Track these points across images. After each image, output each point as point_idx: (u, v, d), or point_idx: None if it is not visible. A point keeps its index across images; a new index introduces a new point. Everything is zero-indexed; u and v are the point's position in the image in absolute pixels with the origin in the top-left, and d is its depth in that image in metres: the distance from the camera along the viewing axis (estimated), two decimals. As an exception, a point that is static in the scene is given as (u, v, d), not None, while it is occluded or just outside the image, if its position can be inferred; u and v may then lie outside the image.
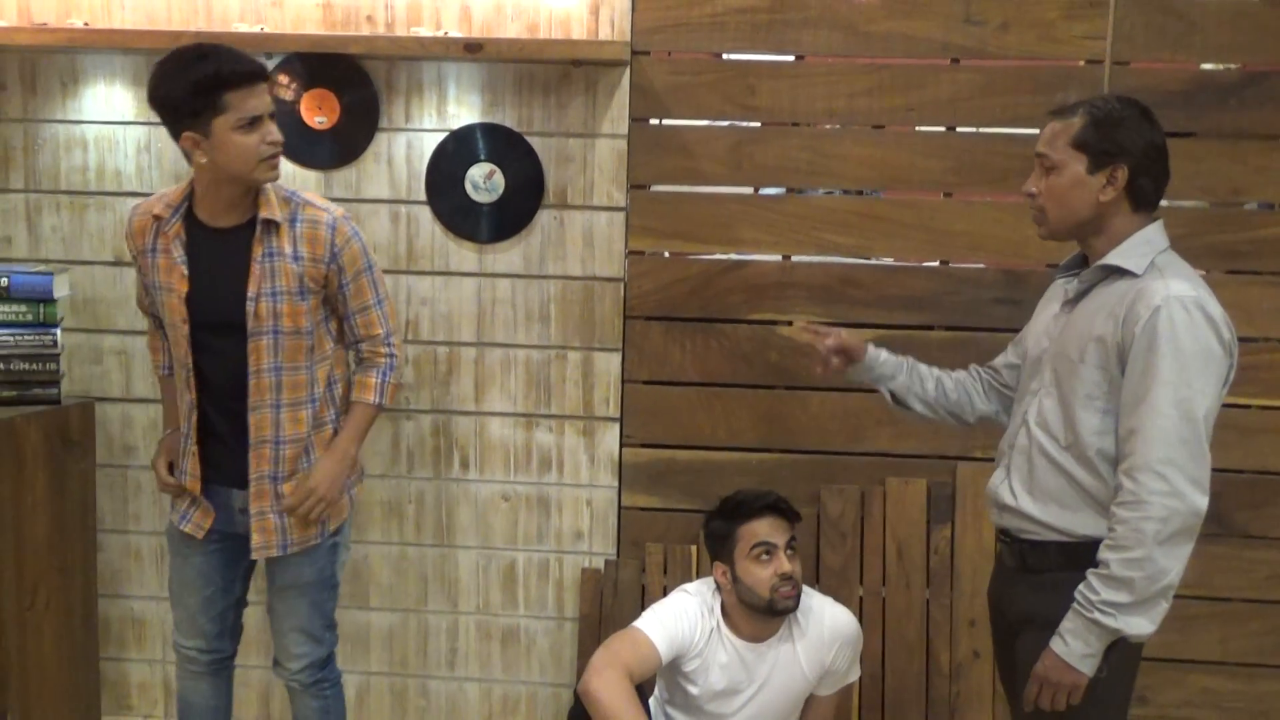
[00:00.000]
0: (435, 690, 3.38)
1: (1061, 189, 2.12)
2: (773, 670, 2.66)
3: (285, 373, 2.51)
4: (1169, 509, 1.96)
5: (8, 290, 2.96)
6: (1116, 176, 2.08)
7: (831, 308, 3.15)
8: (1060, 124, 2.13)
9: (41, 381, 3.01)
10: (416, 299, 3.24)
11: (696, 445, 3.21)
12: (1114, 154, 2.08)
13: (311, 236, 2.48)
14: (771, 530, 2.62)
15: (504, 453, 3.28)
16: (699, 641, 2.63)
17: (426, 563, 3.33)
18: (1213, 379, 2.01)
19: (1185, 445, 1.98)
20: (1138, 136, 2.09)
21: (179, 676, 2.79)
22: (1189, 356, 1.98)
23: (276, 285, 2.46)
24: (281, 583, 2.67)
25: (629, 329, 3.20)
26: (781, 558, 2.59)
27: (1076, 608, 2.03)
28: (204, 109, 2.31)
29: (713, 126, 3.18)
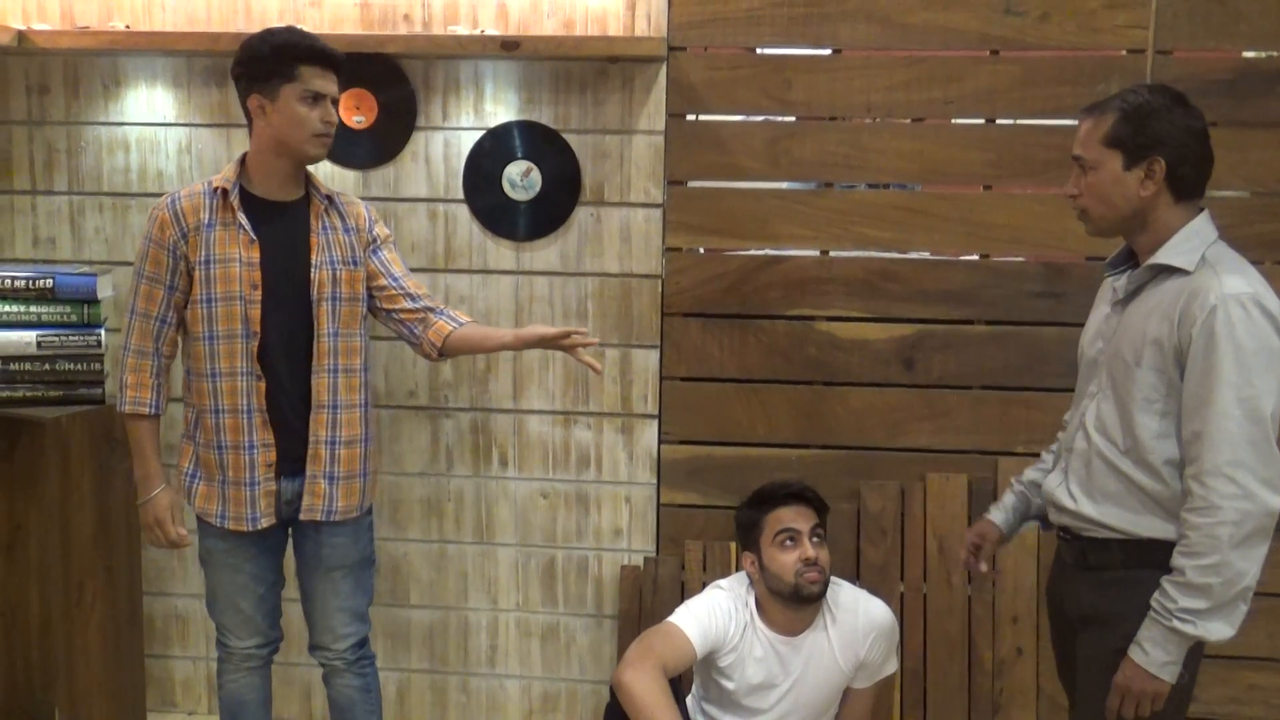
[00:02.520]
0: (475, 687, 3.39)
1: (1101, 187, 2.09)
2: (808, 663, 2.66)
3: (342, 338, 2.61)
4: (1242, 511, 1.93)
5: (53, 291, 2.99)
6: (1154, 170, 2.05)
7: (870, 302, 3.13)
8: (1092, 122, 2.11)
9: (86, 381, 3.04)
10: (455, 297, 3.25)
11: (735, 441, 3.20)
12: (1149, 146, 2.04)
13: (353, 211, 2.68)
14: (795, 517, 2.63)
15: (543, 450, 3.28)
16: (734, 635, 2.63)
17: (466, 560, 3.34)
18: (1275, 376, 1.97)
19: (1253, 446, 1.94)
20: (1171, 126, 2.05)
21: (229, 678, 2.79)
22: (1250, 355, 1.95)
23: (334, 255, 2.61)
24: (329, 563, 2.69)
25: (667, 325, 3.20)
26: (805, 543, 2.60)
27: (1154, 616, 2.00)
28: (276, 73, 2.48)
29: (749, 121, 3.17)
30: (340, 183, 3.22)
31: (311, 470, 2.61)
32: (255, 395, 2.56)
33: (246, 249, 2.54)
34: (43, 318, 3.00)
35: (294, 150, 2.53)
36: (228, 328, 2.55)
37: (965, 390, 3.13)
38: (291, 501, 2.65)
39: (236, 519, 2.61)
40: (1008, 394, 3.11)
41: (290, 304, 2.57)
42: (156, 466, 2.64)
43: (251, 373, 2.56)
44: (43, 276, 3.00)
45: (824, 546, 2.63)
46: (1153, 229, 2.09)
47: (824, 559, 2.61)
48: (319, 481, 2.62)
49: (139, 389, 2.60)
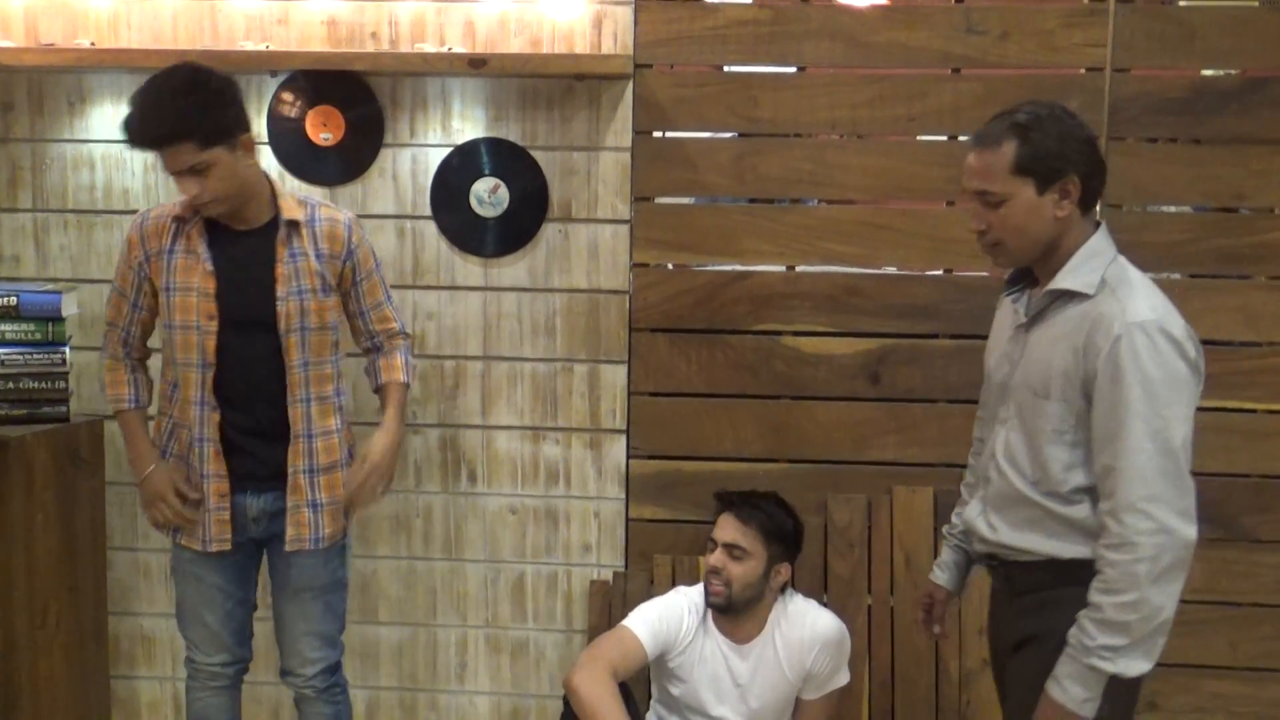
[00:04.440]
0: (445, 704, 3.38)
1: (1016, 219, 2.00)
2: (755, 671, 2.71)
3: (313, 367, 2.60)
4: (1158, 546, 1.89)
5: (16, 309, 2.97)
6: (1069, 190, 1.99)
7: (836, 317, 3.16)
8: (989, 154, 2.01)
9: (51, 400, 3.02)
10: (423, 313, 3.25)
11: (703, 456, 3.22)
12: (1060, 168, 1.98)
13: (331, 234, 2.60)
14: (721, 526, 2.71)
15: (511, 466, 3.29)
16: (683, 638, 2.70)
17: (435, 576, 3.34)
18: (1185, 403, 1.93)
19: (1166, 478, 1.91)
20: (1074, 141, 1.99)
21: (195, 696, 2.78)
22: (1157, 385, 1.91)
23: (302, 284, 2.56)
24: (296, 585, 2.68)
25: (635, 341, 3.22)
26: (716, 554, 2.67)
27: (1071, 652, 1.96)
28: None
29: (715, 138, 3.19)
30: (307, 199, 3.22)
31: (293, 500, 2.61)
32: (209, 425, 2.56)
33: (203, 279, 2.52)
34: (6, 336, 2.98)
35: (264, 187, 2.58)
36: (185, 356, 2.55)
37: (931, 403, 3.16)
38: (259, 519, 2.64)
39: (189, 535, 2.63)
40: (972, 407, 3.07)
41: (255, 335, 2.54)
42: (147, 447, 2.65)
43: (206, 403, 2.55)
44: (6, 295, 2.98)
45: (744, 561, 2.66)
46: (1060, 250, 2.04)
47: (733, 572, 2.65)
48: (302, 510, 2.62)
49: (115, 386, 2.68)
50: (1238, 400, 3.11)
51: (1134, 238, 3.08)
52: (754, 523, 2.69)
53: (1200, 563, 3.08)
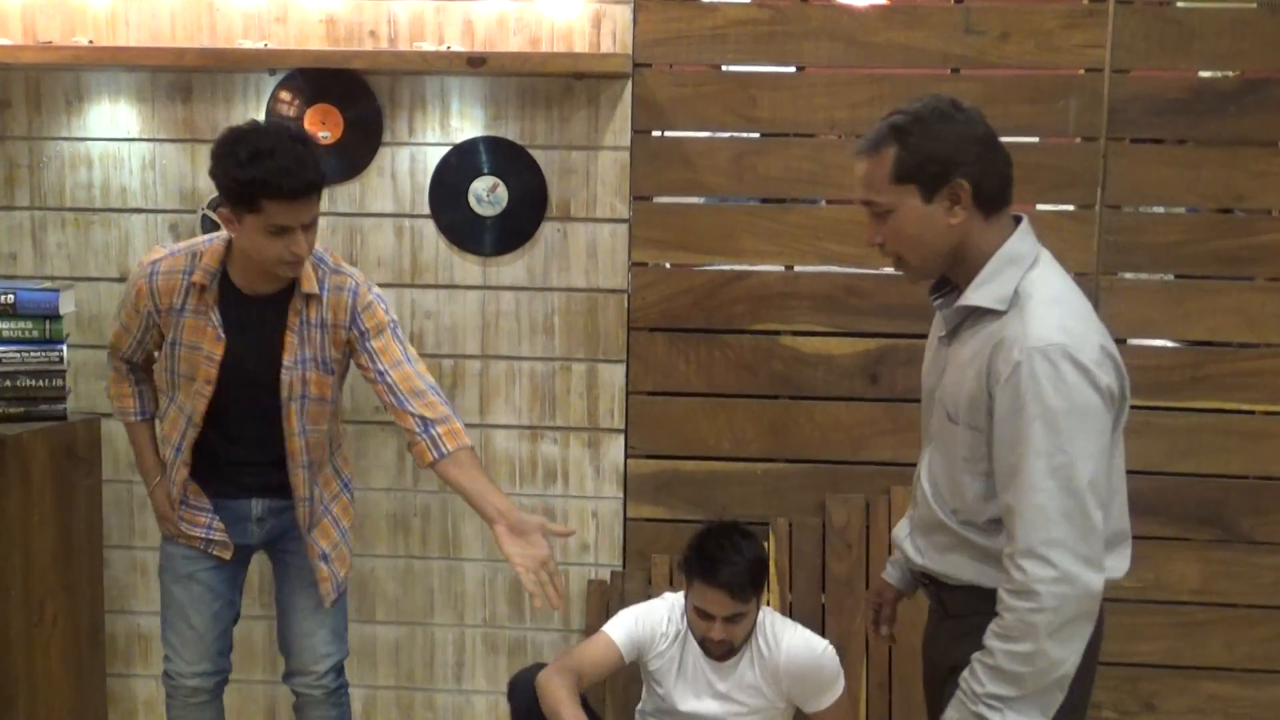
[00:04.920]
0: (442, 703, 3.38)
1: (906, 231, 1.83)
2: (736, 686, 2.69)
3: (310, 434, 2.57)
4: (1060, 597, 1.71)
5: (14, 307, 2.97)
6: (959, 194, 1.80)
7: (835, 317, 3.16)
8: (870, 161, 1.84)
9: (48, 398, 3.02)
10: (421, 312, 3.25)
11: (702, 456, 3.22)
12: (945, 172, 1.79)
13: (336, 302, 2.49)
14: (716, 603, 2.57)
15: (509, 465, 3.28)
16: (661, 642, 2.70)
17: (433, 576, 3.33)
18: (1093, 436, 1.73)
19: (1069, 520, 1.71)
20: (959, 139, 1.80)
21: (175, 714, 2.75)
22: (1061, 417, 1.70)
23: (306, 354, 2.49)
24: (308, 580, 2.68)
25: (633, 340, 3.21)
26: (716, 627, 2.59)
27: (960, 696, 1.80)
28: (242, 202, 2.28)
29: (715, 138, 3.19)
30: (306, 198, 3.22)
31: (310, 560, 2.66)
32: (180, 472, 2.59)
33: (212, 344, 2.47)
34: (3, 334, 2.97)
35: (262, 266, 2.40)
36: (186, 405, 2.55)
37: (928, 404, 3.16)
38: (264, 518, 2.64)
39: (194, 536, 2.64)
40: (970, 407, 3.14)
41: (256, 400, 2.50)
42: (153, 462, 2.68)
43: (181, 456, 2.57)
44: (4, 292, 2.97)
45: (740, 624, 2.60)
46: (970, 258, 1.84)
47: (734, 633, 2.61)
48: (320, 566, 2.65)
49: (120, 399, 2.70)
50: (1235, 402, 3.11)
51: (1132, 239, 3.09)
52: (748, 590, 2.58)
53: (1198, 564, 3.13)
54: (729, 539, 2.61)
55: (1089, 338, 1.76)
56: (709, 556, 2.58)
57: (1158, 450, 3.11)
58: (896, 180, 1.80)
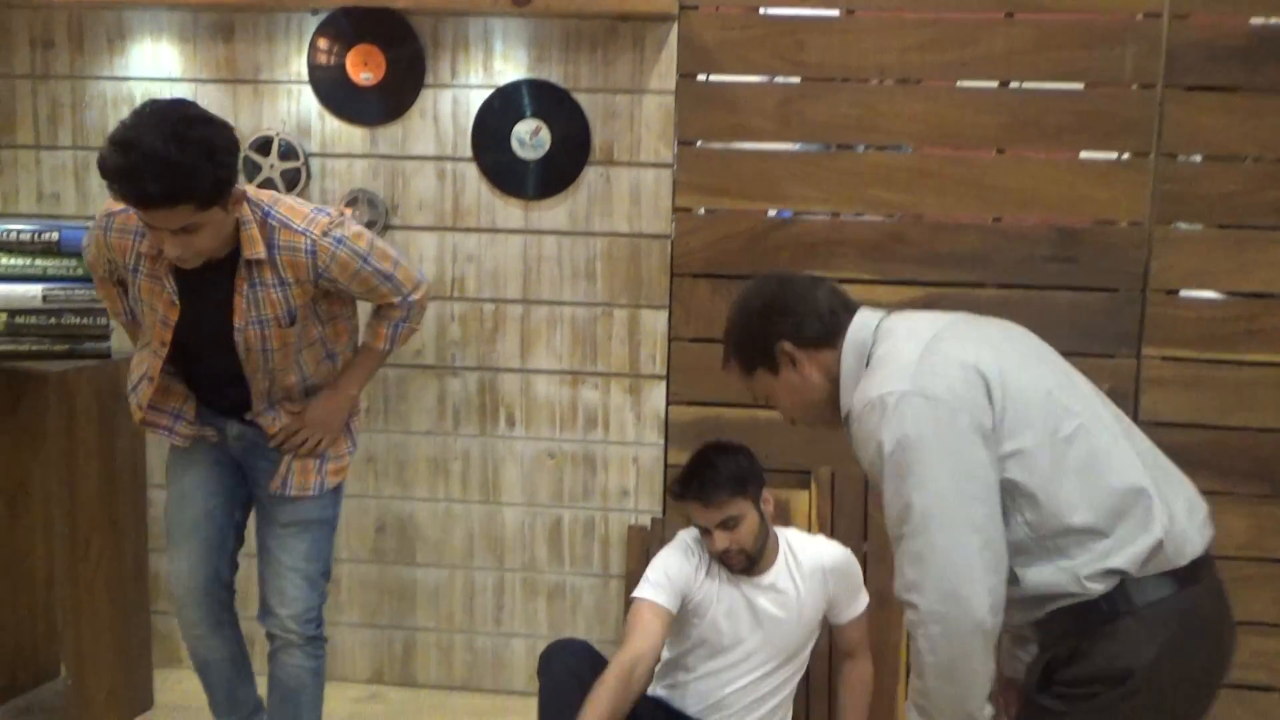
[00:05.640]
0: (481, 646, 3.40)
1: (782, 400, 1.99)
2: (775, 603, 2.65)
3: (279, 374, 2.52)
4: (931, 639, 1.69)
5: (58, 245, 2.96)
6: (790, 356, 1.93)
7: (881, 265, 3.12)
8: (729, 371, 2.07)
9: (92, 336, 3.02)
10: (462, 256, 3.23)
11: (743, 404, 3.18)
12: (766, 347, 1.94)
13: (292, 262, 2.37)
14: (703, 515, 2.60)
15: (550, 410, 3.28)
16: (696, 577, 2.64)
17: (473, 519, 3.34)
18: (951, 463, 1.69)
19: (921, 562, 1.69)
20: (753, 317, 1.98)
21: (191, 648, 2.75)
22: (898, 456, 1.71)
23: (263, 314, 2.40)
24: (284, 519, 2.62)
25: (676, 286, 3.19)
26: (717, 538, 2.58)
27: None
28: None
29: (761, 82, 3.14)
30: (347, 140, 3.20)
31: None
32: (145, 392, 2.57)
33: (167, 308, 2.41)
34: (48, 271, 2.97)
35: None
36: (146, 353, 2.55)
37: (975, 354, 3.12)
38: (240, 437, 2.62)
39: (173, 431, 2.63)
40: (1017, 358, 3.10)
41: (217, 358, 2.46)
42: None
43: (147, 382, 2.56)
44: (48, 230, 2.97)
45: (738, 528, 2.57)
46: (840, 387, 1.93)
47: (738, 538, 2.57)
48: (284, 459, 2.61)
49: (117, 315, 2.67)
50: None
51: (1187, 189, 3.03)
52: (723, 491, 2.57)
53: (1247, 519, 3.09)
54: (703, 455, 2.64)
55: (937, 377, 1.74)
56: (684, 476, 2.63)
57: (1209, 403, 3.06)
58: (746, 371, 2.00)
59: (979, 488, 1.71)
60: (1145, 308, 3.06)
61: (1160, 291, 3.06)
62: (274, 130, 3.21)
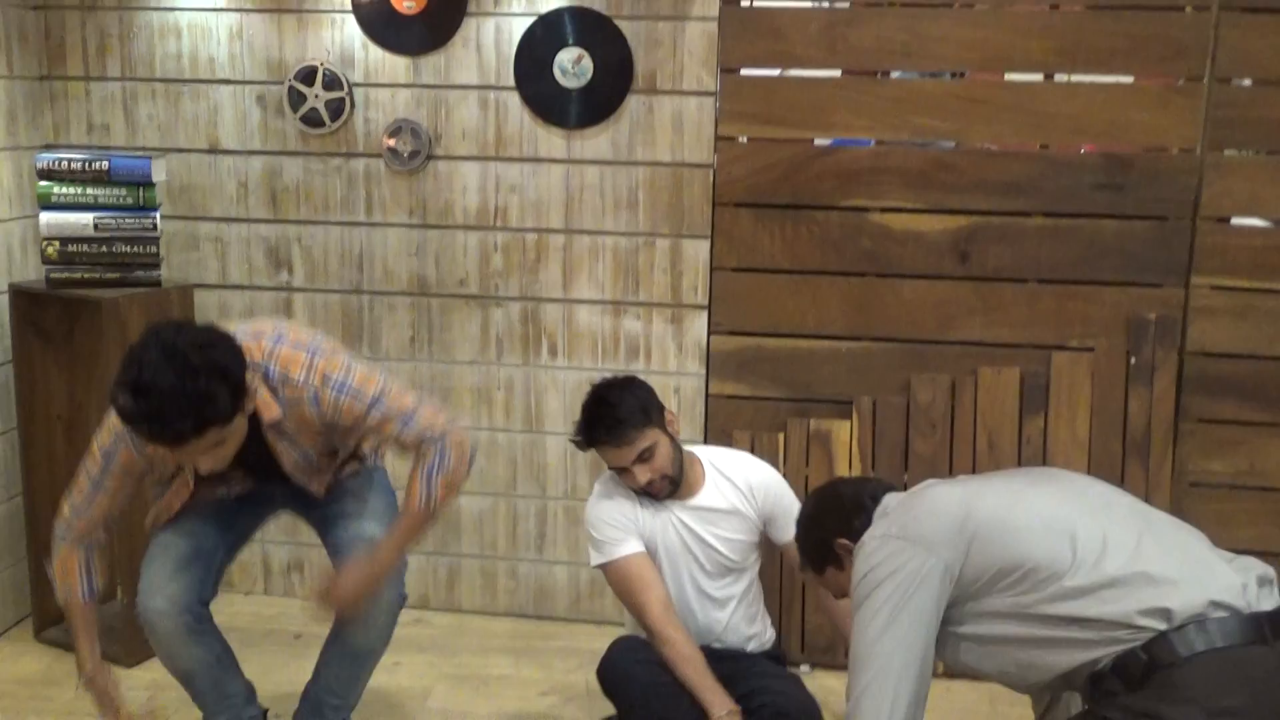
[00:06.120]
0: (524, 572, 3.45)
1: (845, 589, 2.08)
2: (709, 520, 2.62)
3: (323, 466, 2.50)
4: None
5: (108, 173, 3.01)
6: (844, 549, 2.09)
7: (925, 193, 3.08)
8: (809, 579, 2.30)
9: (143, 264, 3.07)
10: (505, 186, 3.24)
11: (785, 333, 3.19)
12: (827, 548, 2.13)
13: (299, 415, 2.28)
14: (616, 456, 2.55)
15: (592, 340, 3.29)
16: (640, 516, 2.60)
17: (516, 448, 3.38)
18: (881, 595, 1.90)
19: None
20: (814, 525, 2.19)
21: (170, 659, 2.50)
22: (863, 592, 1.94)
23: (305, 449, 2.38)
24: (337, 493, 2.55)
25: (718, 215, 3.18)
26: (635, 472, 2.54)
27: None
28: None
29: (805, 8, 3.11)
30: (390, 70, 3.20)
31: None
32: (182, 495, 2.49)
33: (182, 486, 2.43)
34: (99, 200, 3.02)
35: None
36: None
37: (1020, 283, 3.09)
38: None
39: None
40: (1063, 287, 3.07)
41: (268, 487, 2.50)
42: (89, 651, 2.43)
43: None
44: (98, 159, 3.02)
45: (654, 458, 2.54)
46: None
47: (657, 467, 2.54)
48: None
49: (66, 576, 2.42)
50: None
51: (1241, 114, 2.97)
52: (631, 426, 2.52)
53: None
54: (597, 396, 2.58)
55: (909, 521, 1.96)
56: (586, 423, 2.57)
57: (1258, 333, 3.02)
58: (816, 571, 2.20)
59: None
60: (1195, 236, 3.00)
61: (1210, 219, 3.00)
62: (318, 60, 3.22)
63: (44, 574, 3.20)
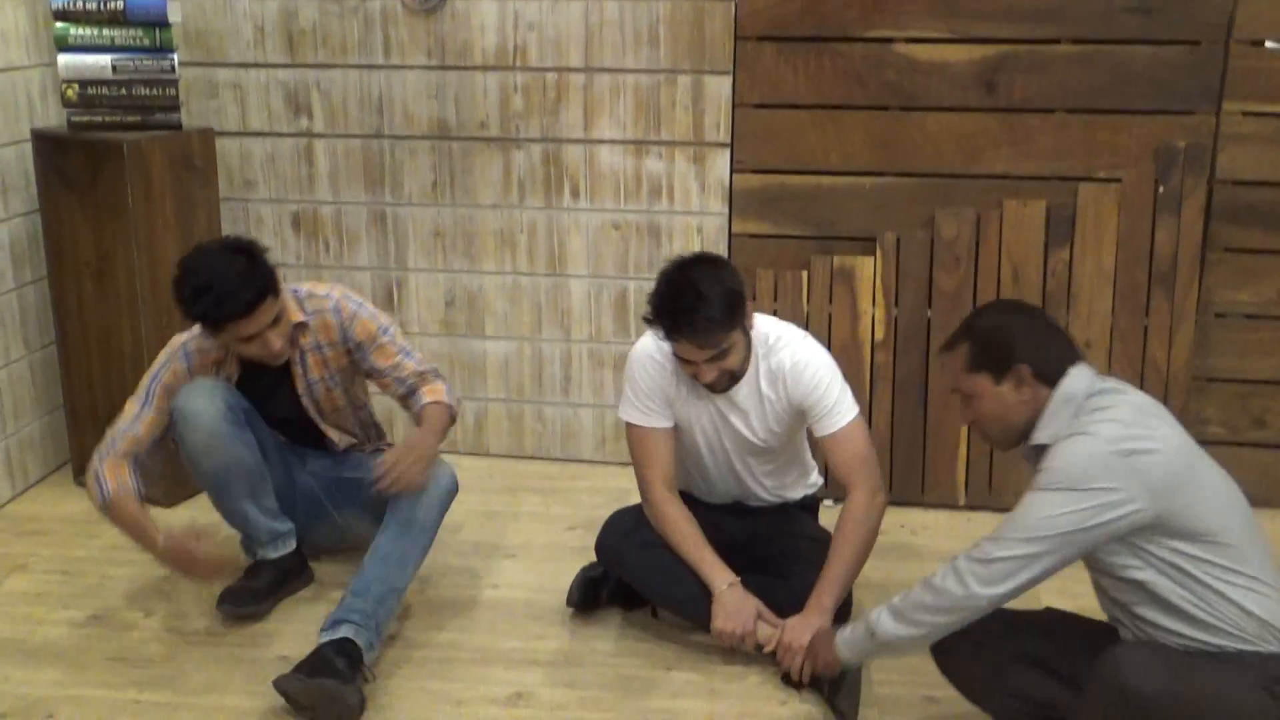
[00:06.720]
0: (550, 415, 3.49)
1: (986, 410, 2.06)
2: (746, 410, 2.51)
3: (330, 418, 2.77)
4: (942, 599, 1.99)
5: (123, 14, 2.98)
6: (1022, 376, 2.01)
7: (951, 22, 3.02)
8: (951, 357, 2.11)
9: (163, 107, 3.06)
10: (524, 24, 3.19)
11: (809, 170, 3.16)
12: (1008, 359, 2.01)
13: (322, 325, 2.63)
14: (690, 352, 2.37)
15: (614, 181, 3.28)
16: (678, 395, 2.52)
17: (540, 292, 3.39)
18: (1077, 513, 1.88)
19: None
20: (1017, 331, 2.05)
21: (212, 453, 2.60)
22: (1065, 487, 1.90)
23: (312, 378, 2.66)
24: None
25: (740, 50, 3.13)
26: (702, 370, 2.39)
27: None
28: (206, 329, 2.50)
29: None
30: (405, -95, 3.15)
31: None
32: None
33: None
34: (115, 41, 3.00)
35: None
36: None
37: (1048, 113, 3.04)
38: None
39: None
40: (1092, 117, 3.03)
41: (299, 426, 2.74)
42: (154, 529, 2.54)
43: None
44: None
45: (729, 353, 2.38)
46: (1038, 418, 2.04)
47: (726, 366, 2.40)
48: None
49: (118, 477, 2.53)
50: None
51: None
52: (716, 329, 2.33)
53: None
54: (688, 281, 2.35)
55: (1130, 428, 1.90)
56: (672, 309, 2.34)
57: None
58: (969, 370, 2.07)
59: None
60: (1227, 60, 2.94)
61: (1244, 43, 2.93)
62: (331, -104, 3.16)
63: (81, 421, 3.30)
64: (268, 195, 3.43)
